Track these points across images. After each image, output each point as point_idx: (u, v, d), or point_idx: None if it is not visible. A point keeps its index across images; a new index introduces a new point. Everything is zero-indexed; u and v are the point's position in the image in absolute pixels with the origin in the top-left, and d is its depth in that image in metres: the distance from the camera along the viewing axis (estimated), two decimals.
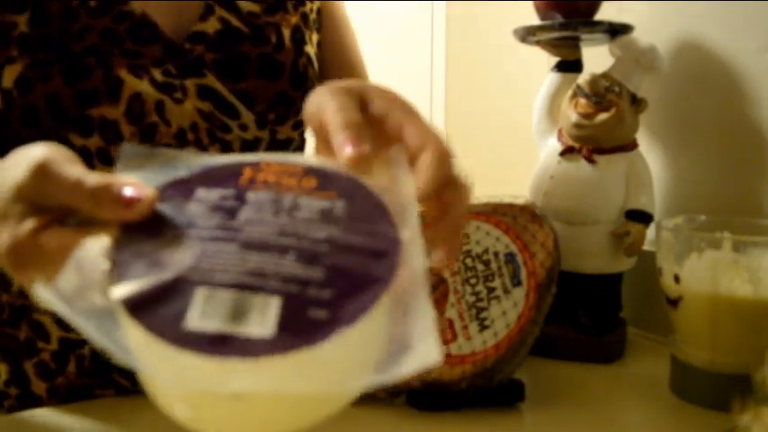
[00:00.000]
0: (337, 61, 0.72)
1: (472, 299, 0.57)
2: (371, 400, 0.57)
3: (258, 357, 0.25)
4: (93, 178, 0.32)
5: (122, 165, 0.34)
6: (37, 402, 0.58)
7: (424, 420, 0.54)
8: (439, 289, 0.59)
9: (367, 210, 0.32)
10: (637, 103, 0.69)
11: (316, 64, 0.66)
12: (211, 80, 0.58)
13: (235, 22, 0.60)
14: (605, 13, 0.74)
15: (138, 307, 0.27)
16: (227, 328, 0.26)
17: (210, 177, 0.34)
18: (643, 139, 0.73)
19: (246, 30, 0.60)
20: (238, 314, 0.27)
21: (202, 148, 0.58)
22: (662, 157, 0.77)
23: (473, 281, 0.58)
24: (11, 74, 0.53)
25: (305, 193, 0.32)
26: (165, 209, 0.32)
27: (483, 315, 0.56)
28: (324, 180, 0.33)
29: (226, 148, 0.59)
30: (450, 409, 0.55)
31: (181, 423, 0.28)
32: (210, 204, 0.32)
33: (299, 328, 0.26)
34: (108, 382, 0.59)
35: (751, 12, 0.68)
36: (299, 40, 0.64)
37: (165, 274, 0.28)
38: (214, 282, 0.28)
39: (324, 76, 0.68)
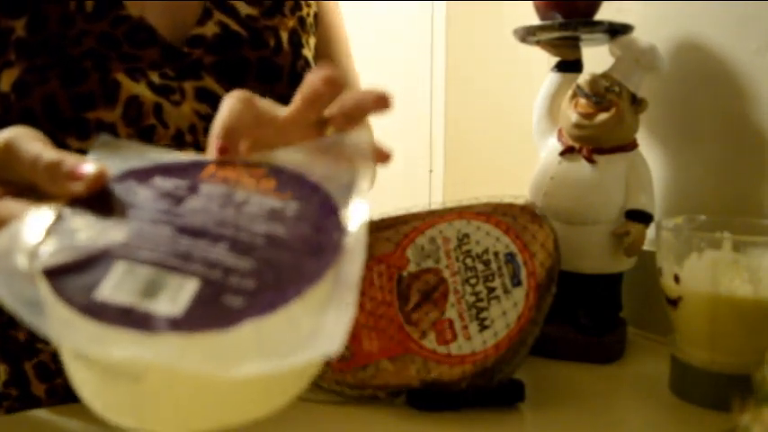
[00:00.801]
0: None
1: (472, 299, 0.57)
2: (371, 400, 0.57)
3: (156, 332, 0.25)
4: (50, 154, 0.33)
5: (94, 153, 0.35)
6: (36, 403, 0.58)
7: (424, 420, 0.54)
8: (439, 289, 0.59)
9: (319, 213, 0.32)
10: (637, 103, 0.69)
11: (313, 67, 0.66)
12: (209, 83, 0.58)
13: (233, 25, 0.60)
14: (605, 13, 0.74)
15: (55, 273, 0.28)
16: (137, 302, 0.26)
17: (172, 169, 0.35)
18: (643, 139, 0.73)
19: (245, 33, 0.60)
20: (151, 291, 0.27)
21: (200, 149, 0.58)
22: (662, 157, 0.77)
23: (473, 281, 0.58)
24: (8, 78, 0.53)
25: (260, 192, 0.33)
26: (117, 191, 0.33)
27: (483, 315, 0.56)
28: (284, 182, 0.34)
29: None
30: (450, 409, 0.55)
31: (98, 413, 0.28)
32: (162, 191, 0.33)
33: (208, 312, 0.26)
34: None
35: (751, 12, 0.68)
36: (297, 44, 0.64)
37: (92, 247, 0.29)
38: (136, 258, 0.28)
39: None
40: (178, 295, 0.27)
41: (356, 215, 0.32)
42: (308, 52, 0.67)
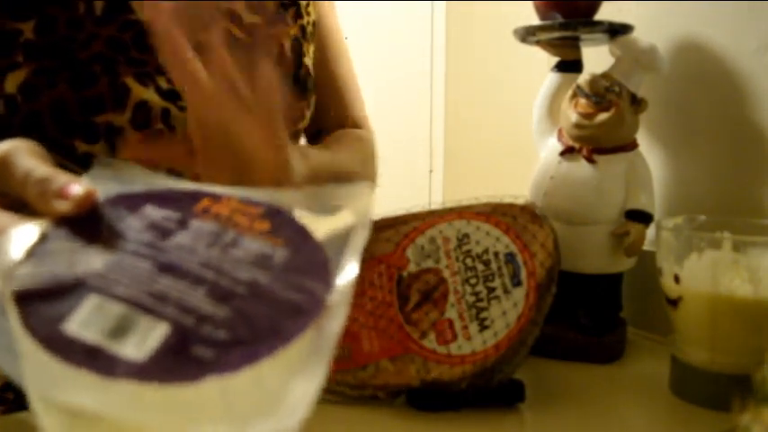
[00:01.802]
0: (326, 74, 0.73)
1: (472, 299, 0.57)
2: (371, 400, 0.57)
3: (115, 378, 0.24)
4: (42, 170, 0.33)
5: (91, 174, 0.34)
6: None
7: (424, 420, 0.54)
8: (439, 289, 0.59)
9: (307, 264, 0.31)
10: (637, 103, 0.69)
11: (313, 75, 0.67)
12: None
13: (237, 33, 0.60)
14: (605, 13, 0.74)
15: (26, 298, 0.27)
16: (103, 341, 0.25)
17: (166, 198, 0.34)
18: (643, 139, 0.73)
19: (249, 41, 0.60)
20: (120, 331, 0.26)
21: None
22: (662, 157, 0.77)
23: (473, 281, 0.58)
24: (14, 80, 0.53)
25: (252, 234, 0.32)
26: (106, 216, 0.32)
27: (483, 315, 0.56)
28: (278, 226, 0.33)
29: None
30: (450, 409, 0.55)
31: None
32: (150, 222, 0.32)
33: (174, 362, 0.25)
34: None
35: (751, 12, 0.68)
36: (298, 52, 0.65)
37: (67, 274, 0.28)
38: (110, 292, 0.27)
39: (315, 86, 0.68)
40: (146, 339, 0.26)
41: (346, 271, 0.31)
42: (309, 60, 0.67)
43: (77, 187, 0.32)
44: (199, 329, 0.27)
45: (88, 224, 0.31)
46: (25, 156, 0.34)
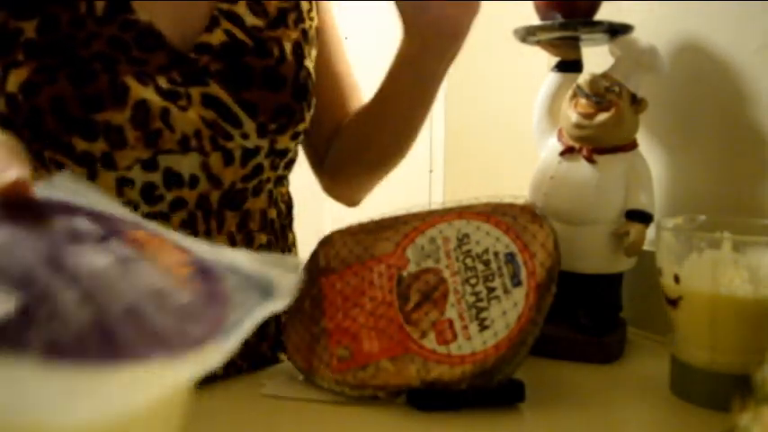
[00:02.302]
0: (329, 73, 0.74)
1: (472, 299, 0.57)
2: (371, 400, 0.57)
3: None
4: None
5: (54, 180, 0.35)
6: None
7: (424, 420, 0.54)
8: (439, 289, 0.59)
9: (200, 314, 0.30)
10: (637, 103, 0.69)
11: (314, 77, 0.68)
12: (215, 89, 0.59)
13: (239, 34, 0.61)
14: (605, 13, 0.74)
15: None
16: None
17: (103, 218, 0.33)
18: (643, 139, 0.73)
19: (250, 43, 0.61)
20: None
21: (205, 154, 0.59)
22: (662, 157, 0.77)
23: (473, 281, 0.58)
24: (16, 78, 0.53)
25: (164, 271, 0.32)
26: (34, 209, 0.32)
27: (483, 315, 0.56)
28: (196, 277, 0.33)
29: (227, 155, 0.60)
30: (450, 409, 0.55)
31: None
32: (72, 228, 0.32)
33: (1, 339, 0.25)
34: None
35: (751, 12, 0.68)
36: (300, 55, 0.65)
37: None
38: None
39: (316, 87, 0.69)
40: None
41: (236, 330, 0.30)
42: (310, 63, 0.68)
43: (11, 173, 0.32)
44: (47, 320, 0.26)
45: (12, 210, 0.31)
46: None
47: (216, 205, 0.62)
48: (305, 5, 0.69)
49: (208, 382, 0.63)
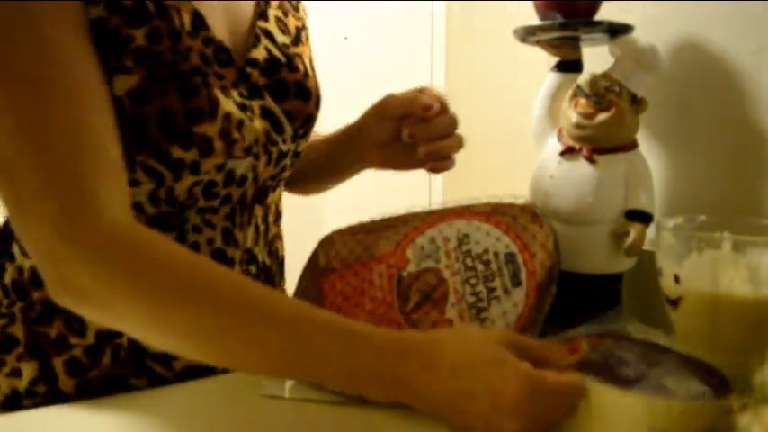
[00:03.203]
0: None
1: (472, 299, 0.57)
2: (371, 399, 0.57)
3: None
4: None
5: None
6: (63, 399, 0.60)
7: (424, 420, 0.54)
8: (439, 289, 0.59)
9: None
10: (637, 103, 0.69)
11: (315, 79, 0.73)
12: (269, 102, 0.64)
13: (275, 51, 0.66)
14: (605, 13, 0.74)
15: None
16: None
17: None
18: (643, 139, 0.73)
19: (284, 59, 0.67)
20: None
21: (256, 158, 0.64)
22: (662, 157, 0.77)
23: (473, 281, 0.58)
24: (122, 83, 0.55)
25: None
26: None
27: (483, 315, 0.56)
28: None
29: (269, 157, 0.65)
30: None
31: None
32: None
33: None
34: (142, 369, 0.61)
35: (751, 12, 0.68)
36: (313, 69, 0.72)
37: None
38: None
39: None
40: None
41: None
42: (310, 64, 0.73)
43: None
44: None
45: None
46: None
47: (249, 200, 0.66)
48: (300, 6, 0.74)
49: (208, 381, 0.63)
